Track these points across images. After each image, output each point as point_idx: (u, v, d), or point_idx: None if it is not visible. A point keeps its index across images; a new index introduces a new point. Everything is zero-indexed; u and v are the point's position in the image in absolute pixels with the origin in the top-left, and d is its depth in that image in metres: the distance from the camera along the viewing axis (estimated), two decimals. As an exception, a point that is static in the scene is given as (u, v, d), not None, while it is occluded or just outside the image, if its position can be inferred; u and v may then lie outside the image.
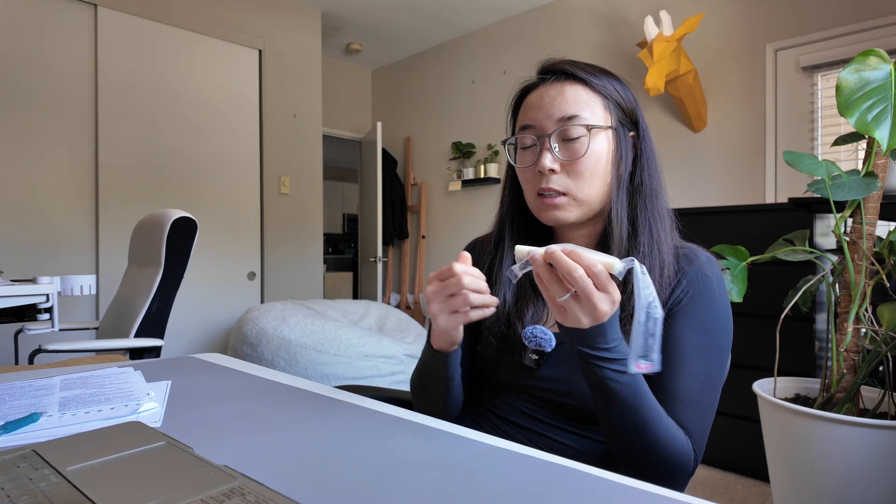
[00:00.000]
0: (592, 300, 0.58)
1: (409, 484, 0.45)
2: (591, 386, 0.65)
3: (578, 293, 0.59)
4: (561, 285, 0.60)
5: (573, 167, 0.74)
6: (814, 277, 1.52)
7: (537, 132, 0.77)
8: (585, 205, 0.76)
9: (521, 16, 3.89)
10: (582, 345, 0.62)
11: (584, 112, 0.74)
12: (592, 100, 0.75)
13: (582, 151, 0.74)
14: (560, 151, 0.75)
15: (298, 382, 0.80)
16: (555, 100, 0.75)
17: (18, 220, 2.68)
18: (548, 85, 0.77)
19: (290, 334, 2.70)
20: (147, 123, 3.07)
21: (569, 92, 0.75)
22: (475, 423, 0.82)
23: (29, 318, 1.94)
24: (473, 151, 4.17)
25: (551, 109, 0.75)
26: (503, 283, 0.82)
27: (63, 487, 0.39)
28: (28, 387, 0.75)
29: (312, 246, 3.82)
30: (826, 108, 2.66)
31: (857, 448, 1.25)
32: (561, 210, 0.76)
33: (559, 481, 0.47)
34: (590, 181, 0.75)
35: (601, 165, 0.75)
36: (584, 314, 0.60)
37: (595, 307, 0.59)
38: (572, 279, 0.58)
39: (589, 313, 0.60)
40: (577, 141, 0.74)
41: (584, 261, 0.58)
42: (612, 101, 0.77)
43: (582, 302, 0.59)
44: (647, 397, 0.65)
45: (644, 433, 0.64)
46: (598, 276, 0.58)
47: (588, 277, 0.58)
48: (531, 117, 0.77)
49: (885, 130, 1.16)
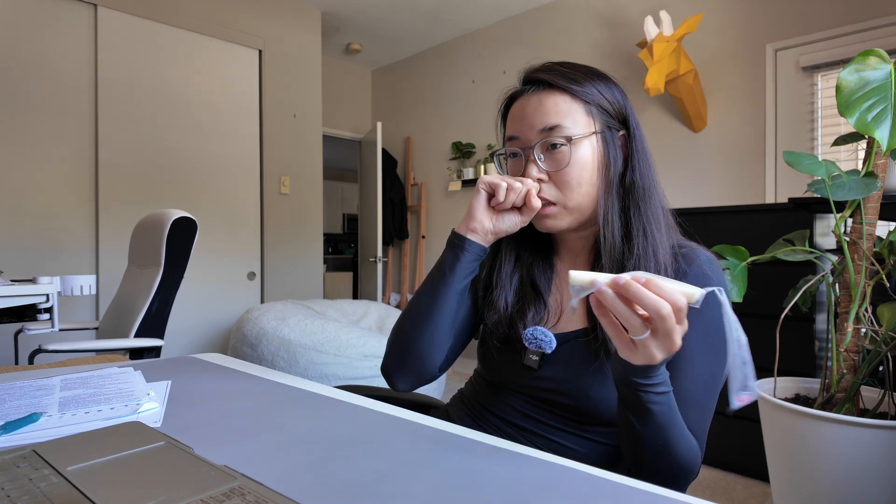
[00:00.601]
0: (673, 337, 0.54)
1: (409, 484, 0.45)
2: (628, 406, 0.63)
3: (659, 330, 0.54)
4: (639, 321, 0.54)
5: (559, 177, 0.75)
6: (814, 277, 1.52)
7: (521, 144, 0.77)
8: (577, 212, 0.76)
9: (521, 16, 3.89)
10: (635, 376, 0.59)
11: (566, 122, 0.74)
12: (573, 107, 0.75)
13: (565, 162, 0.74)
14: (545, 162, 0.75)
15: (298, 382, 0.80)
16: (536, 111, 0.75)
17: (18, 220, 2.68)
18: (529, 95, 0.77)
19: (290, 334, 2.70)
20: (147, 123, 3.07)
21: (548, 102, 0.75)
22: (475, 424, 0.82)
23: (29, 318, 1.94)
24: (473, 151, 4.17)
25: (532, 120, 0.75)
26: (503, 285, 0.82)
27: (63, 487, 0.39)
28: (28, 387, 0.75)
29: (312, 246, 3.82)
30: (826, 108, 2.66)
31: (857, 448, 1.25)
32: (552, 219, 0.76)
33: (559, 481, 0.47)
34: (578, 189, 0.75)
35: (587, 173, 0.75)
36: (660, 350, 0.55)
37: (674, 344, 0.54)
38: (658, 317, 0.52)
39: (666, 350, 0.55)
40: (559, 151, 0.74)
41: (667, 294, 0.53)
42: (594, 106, 0.75)
43: (660, 339, 0.54)
44: (677, 413, 0.64)
45: (668, 447, 0.64)
46: (681, 311, 0.53)
47: (674, 314, 0.53)
48: (515, 129, 0.78)
49: (885, 130, 1.16)
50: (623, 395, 0.63)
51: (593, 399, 0.73)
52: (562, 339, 0.77)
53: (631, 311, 0.54)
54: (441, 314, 0.78)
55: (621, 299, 0.54)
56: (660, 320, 0.53)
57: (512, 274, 0.83)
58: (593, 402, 0.73)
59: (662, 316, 0.52)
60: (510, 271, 0.83)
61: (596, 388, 0.73)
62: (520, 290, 0.82)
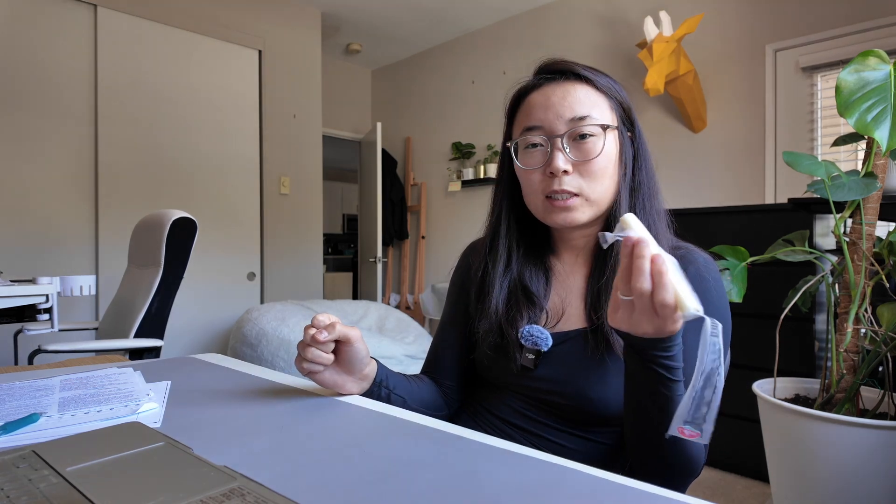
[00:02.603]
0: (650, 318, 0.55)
1: (408, 484, 0.45)
2: (646, 390, 0.63)
3: (636, 304, 0.55)
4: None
5: (586, 168, 0.73)
6: (813, 278, 1.52)
7: (546, 133, 0.75)
8: (596, 205, 0.75)
9: (521, 16, 3.89)
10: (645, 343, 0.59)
11: (594, 112, 0.74)
12: (600, 100, 0.75)
13: (596, 151, 0.73)
14: (572, 152, 0.74)
15: (298, 382, 0.80)
16: (564, 100, 0.74)
17: (18, 220, 2.68)
18: (553, 85, 0.76)
19: (290, 335, 2.70)
20: (147, 124, 3.07)
21: (578, 92, 0.75)
22: (474, 423, 0.82)
23: (29, 318, 1.94)
24: (473, 152, 4.17)
25: (561, 110, 0.74)
26: (494, 293, 0.81)
27: (62, 488, 0.39)
28: (28, 387, 0.75)
29: (312, 246, 3.82)
30: (826, 108, 2.66)
31: (856, 448, 1.25)
32: (573, 211, 0.74)
33: (559, 481, 0.46)
34: (601, 181, 0.74)
35: (611, 165, 0.75)
36: (639, 322, 0.56)
37: (651, 325, 0.56)
38: (636, 291, 0.54)
39: (647, 324, 0.56)
40: (589, 141, 0.73)
41: (658, 280, 0.54)
42: (615, 101, 0.77)
43: (638, 312, 0.56)
44: None
45: (682, 444, 0.64)
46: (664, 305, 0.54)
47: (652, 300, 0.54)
48: (538, 118, 0.75)
49: (885, 131, 1.16)
50: (641, 379, 0.62)
51: (592, 399, 0.72)
52: (559, 339, 0.77)
53: (629, 272, 0.55)
54: (414, 407, 0.80)
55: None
56: (637, 294, 0.54)
57: (503, 279, 0.82)
58: (592, 402, 0.73)
59: (638, 291, 0.54)
60: (501, 275, 0.82)
61: (594, 389, 0.73)
62: (511, 296, 0.81)
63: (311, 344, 0.67)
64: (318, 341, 0.66)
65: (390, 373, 0.80)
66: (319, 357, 0.67)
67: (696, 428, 0.52)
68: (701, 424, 0.52)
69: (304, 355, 0.67)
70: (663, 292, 0.53)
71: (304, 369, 0.69)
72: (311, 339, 0.67)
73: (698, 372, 0.52)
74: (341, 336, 0.68)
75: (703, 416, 0.52)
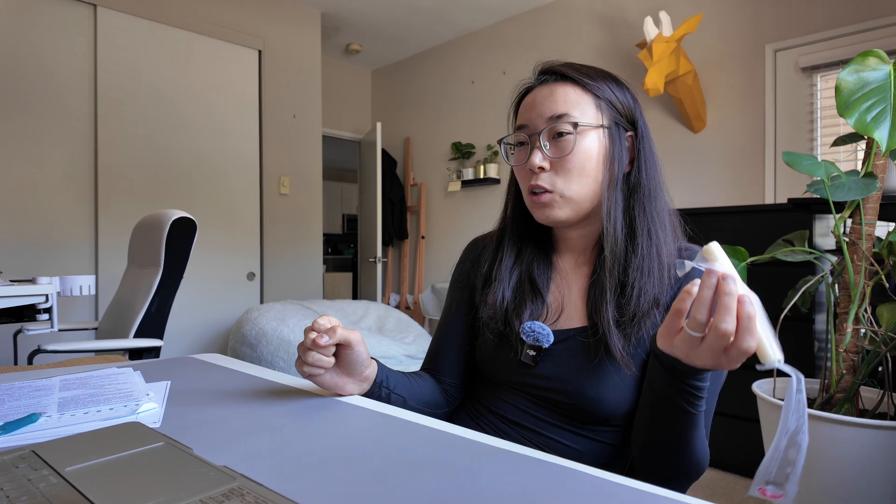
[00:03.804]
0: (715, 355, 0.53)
1: (408, 484, 0.45)
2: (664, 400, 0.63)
3: (708, 340, 0.53)
4: (704, 320, 0.53)
5: (561, 164, 0.75)
6: (813, 278, 1.52)
7: (529, 131, 0.78)
8: (574, 203, 0.76)
9: (521, 16, 3.89)
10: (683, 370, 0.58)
11: (574, 111, 0.75)
12: (583, 99, 0.76)
13: (568, 149, 0.75)
14: (550, 150, 0.76)
15: (298, 382, 0.80)
16: (546, 99, 0.77)
17: (18, 220, 2.68)
18: (542, 86, 0.79)
19: (290, 335, 2.70)
20: (146, 123, 3.07)
21: (559, 91, 0.77)
22: (473, 422, 0.82)
23: (28, 318, 1.94)
24: (473, 152, 4.17)
25: (542, 109, 0.77)
26: (501, 279, 0.83)
27: (62, 488, 0.39)
28: (27, 387, 0.75)
29: (312, 246, 3.82)
30: (825, 108, 2.66)
31: (856, 448, 1.25)
32: (549, 208, 0.76)
33: (559, 481, 0.46)
34: (578, 179, 0.75)
35: (590, 164, 0.75)
36: (699, 356, 0.55)
37: (715, 361, 0.54)
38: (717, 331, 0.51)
39: (705, 360, 0.55)
40: (565, 139, 0.75)
41: (743, 325, 0.51)
42: (604, 101, 0.77)
43: (704, 347, 0.54)
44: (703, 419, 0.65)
45: (692, 444, 0.65)
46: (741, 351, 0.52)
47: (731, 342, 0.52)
48: (525, 117, 0.79)
49: (885, 131, 1.16)
50: (665, 393, 0.62)
51: (591, 398, 0.73)
52: (561, 337, 0.77)
53: (708, 307, 0.53)
54: (414, 406, 0.81)
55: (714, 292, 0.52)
56: (716, 335, 0.52)
57: (512, 269, 0.84)
58: (591, 400, 0.73)
59: (722, 332, 0.51)
60: (510, 266, 0.84)
61: (594, 387, 0.73)
62: (518, 287, 0.82)
63: (311, 348, 0.67)
64: (319, 345, 0.67)
65: (390, 372, 0.80)
66: (320, 361, 0.68)
67: (779, 489, 0.49)
68: (784, 485, 0.49)
69: (304, 359, 0.68)
70: (749, 339, 0.51)
71: (305, 372, 0.69)
72: (311, 343, 0.67)
73: (782, 431, 0.49)
74: (342, 340, 0.69)
75: (786, 475, 0.48)
